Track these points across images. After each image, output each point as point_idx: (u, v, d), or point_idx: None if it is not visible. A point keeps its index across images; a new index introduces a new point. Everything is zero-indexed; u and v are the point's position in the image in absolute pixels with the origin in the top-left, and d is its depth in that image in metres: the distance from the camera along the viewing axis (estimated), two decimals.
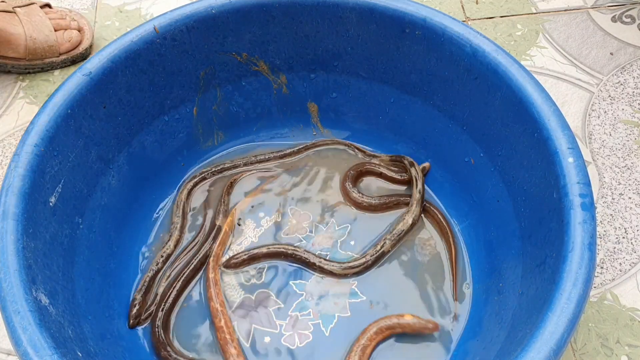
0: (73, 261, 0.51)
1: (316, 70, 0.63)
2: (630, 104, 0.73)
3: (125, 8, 0.85)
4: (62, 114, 0.51)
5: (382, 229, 0.61)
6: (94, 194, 0.56)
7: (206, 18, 0.57)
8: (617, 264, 0.61)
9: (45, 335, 0.41)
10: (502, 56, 0.52)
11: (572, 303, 0.41)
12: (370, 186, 0.65)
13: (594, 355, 0.56)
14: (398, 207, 0.62)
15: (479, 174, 0.58)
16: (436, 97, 0.59)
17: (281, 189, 0.65)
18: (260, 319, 0.57)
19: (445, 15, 0.54)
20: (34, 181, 0.48)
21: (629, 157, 0.69)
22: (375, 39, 0.58)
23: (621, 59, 0.77)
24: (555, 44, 0.79)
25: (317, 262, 0.58)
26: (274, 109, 0.66)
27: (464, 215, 0.61)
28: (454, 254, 0.59)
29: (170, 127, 0.62)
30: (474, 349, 0.52)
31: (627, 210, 0.65)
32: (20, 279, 0.43)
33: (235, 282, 0.59)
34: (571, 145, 0.47)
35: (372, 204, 0.62)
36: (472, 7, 0.83)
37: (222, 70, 0.61)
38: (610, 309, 0.59)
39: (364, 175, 0.65)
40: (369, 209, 0.62)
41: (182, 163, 0.65)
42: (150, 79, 0.58)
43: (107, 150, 0.57)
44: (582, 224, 0.44)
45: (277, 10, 0.58)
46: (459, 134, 0.59)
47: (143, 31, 0.55)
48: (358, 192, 0.63)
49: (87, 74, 0.53)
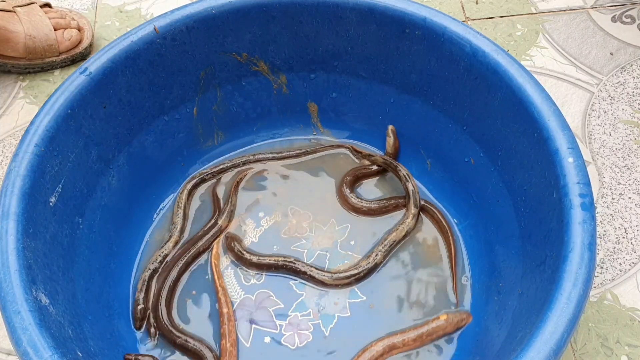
0: (73, 261, 0.51)
1: (316, 70, 0.63)
2: (630, 104, 0.73)
3: (125, 8, 0.85)
4: (62, 114, 0.51)
5: (383, 229, 0.61)
6: (94, 194, 0.56)
7: (206, 18, 0.57)
8: (617, 264, 0.61)
9: (45, 335, 0.41)
10: (502, 56, 0.52)
11: (572, 303, 0.41)
12: (368, 187, 0.65)
13: (594, 355, 0.56)
14: (397, 209, 0.62)
15: (479, 174, 0.58)
16: (436, 97, 0.59)
17: (281, 189, 0.65)
18: (260, 319, 0.57)
19: (445, 16, 0.54)
20: (34, 181, 0.48)
21: (628, 157, 0.69)
22: (375, 39, 0.58)
23: (621, 59, 0.77)
24: (555, 44, 0.79)
25: (309, 272, 0.58)
26: (274, 109, 0.66)
27: (463, 215, 0.61)
28: (453, 253, 0.59)
29: (170, 127, 0.62)
30: (474, 349, 0.52)
31: (627, 210, 0.65)
32: (20, 279, 0.43)
33: (235, 282, 0.59)
34: (571, 145, 0.47)
35: (372, 209, 0.62)
36: (472, 7, 0.83)
37: (222, 70, 0.61)
38: (610, 309, 0.59)
39: (360, 179, 0.65)
40: (368, 214, 0.62)
41: (182, 163, 0.65)
42: (150, 79, 0.58)
43: (107, 150, 0.57)
44: (582, 223, 0.44)
45: (277, 10, 0.58)
46: (459, 134, 0.59)
47: (143, 31, 0.55)
48: (356, 197, 0.63)
49: (87, 74, 0.53)
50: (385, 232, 0.60)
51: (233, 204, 0.63)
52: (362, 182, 0.65)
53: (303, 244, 0.61)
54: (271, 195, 0.64)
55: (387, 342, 0.53)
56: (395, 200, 0.62)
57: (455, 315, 0.54)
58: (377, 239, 0.60)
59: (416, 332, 0.53)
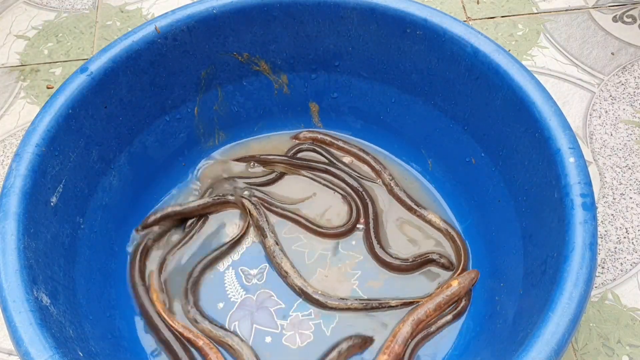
0: (74, 261, 0.51)
1: (317, 70, 0.63)
2: (632, 104, 0.73)
3: (127, 8, 0.85)
4: (63, 114, 0.51)
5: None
6: (95, 194, 0.56)
7: (207, 18, 0.57)
8: (618, 264, 0.61)
9: (46, 335, 0.41)
10: (503, 56, 0.52)
11: (573, 303, 0.41)
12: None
13: (595, 355, 0.56)
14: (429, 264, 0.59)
15: (480, 174, 0.58)
16: (437, 97, 0.59)
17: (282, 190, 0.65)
18: (261, 319, 0.57)
19: (446, 15, 0.54)
20: (35, 181, 0.48)
21: (630, 157, 0.68)
22: (376, 39, 0.58)
23: (622, 59, 0.77)
24: (556, 43, 0.79)
25: (312, 293, 0.57)
26: (275, 109, 0.66)
27: (464, 215, 0.61)
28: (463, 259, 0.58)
29: (171, 127, 0.62)
30: (475, 349, 0.52)
31: (628, 210, 0.65)
32: (21, 279, 0.43)
33: (236, 282, 0.59)
34: (572, 145, 0.47)
35: (402, 267, 0.58)
36: (473, 7, 0.83)
37: (223, 70, 0.61)
38: (611, 309, 0.59)
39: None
40: (399, 270, 0.59)
41: (183, 163, 0.65)
42: (152, 79, 0.58)
43: (108, 150, 0.57)
44: (583, 223, 0.43)
45: (278, 10, 0.58)
46: (460, 133, 0.59)
47: (144, 31, 0.55)
48: (387, 252, 0.59)
49: (88, 74, 0.53)
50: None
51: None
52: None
53: (304, 244, 0.61)
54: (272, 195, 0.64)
55: (413, 320, 0.53)
56: (426, 255, 0.59)
57: (465, 278, 0.55)
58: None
59: (434, 301, 0.54)
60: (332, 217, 0.62)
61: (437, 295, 0.55)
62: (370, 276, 0.59)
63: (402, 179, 0.64)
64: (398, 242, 0.60)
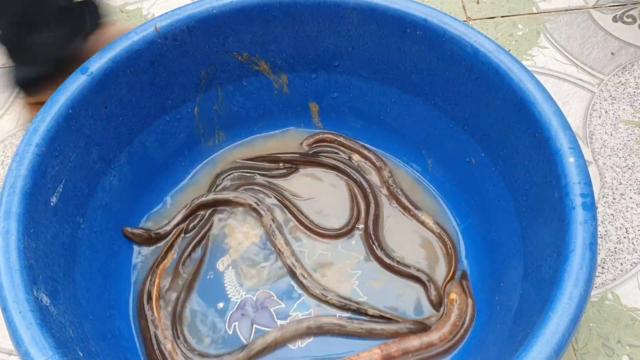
0: (74, 261, 0.51)
1: (317, 70, 0.63)
2: (631, 104, 0.73)
3: (127, 8, 0.85)
4: (63, 114, 0.51)
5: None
6: (95, 194, 0.56)
7: (207, 18, 0.57)
8: (618, 264, 0.61)
9: (46, 335, 0.41)
10: (503, 56, 0.52)
11: (573, 303, 0.41)
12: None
13: (595, 355, 0.56)
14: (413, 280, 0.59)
15: (480, 174, 0.58)
16: (437, 97, 0.59)
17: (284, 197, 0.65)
18: (261, 319, 0.57)
19: (446, 15, 0.54)
20: (35, 181, 0.48)
21: (630, 157, 0.69)
22: (376, 39, 0.58)
23: (622, 59, 0.77)
24: (556, 43, 0.79)
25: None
26: (275, 109, 0.66)
27: (464, 215, 0.61)
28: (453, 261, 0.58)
29: (171, 127, 0.62)
30: (475, 349, 0.52)
31: (628, 210, 0.65)
32: (21, 279, 0.43)
33: (236, 282, 0.59)
34: (572, 145, 0.47)
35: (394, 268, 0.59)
36: (473, 7, 0.83)
37: (223, 70, 0.61)
38: (611, 309, 0.59)
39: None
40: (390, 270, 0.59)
41: (183, 163, 0.65)
42: (152, 79, 0.58)
43: (108, 150, 0.57)
44: (583, 224, 0.43)
45: (278, 10, 0.58)
46: (460, 133, 0.59)
47: (144, 31, 0.55)
48: (384, 251, 0.59)
49: (88, 74, 0.53)
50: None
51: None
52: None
53: (304, 244, 0.61)
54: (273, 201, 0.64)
55: (424, 340, 0.53)
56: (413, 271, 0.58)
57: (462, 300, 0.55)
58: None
59: (447, 325, 0.54)
60: (332, 217, 0.62)
61: (447, 316, 0.54)
62: (370, 276, 0.59)
63: (402, 178, 0.64)
64: (393, 238, 0.61)
